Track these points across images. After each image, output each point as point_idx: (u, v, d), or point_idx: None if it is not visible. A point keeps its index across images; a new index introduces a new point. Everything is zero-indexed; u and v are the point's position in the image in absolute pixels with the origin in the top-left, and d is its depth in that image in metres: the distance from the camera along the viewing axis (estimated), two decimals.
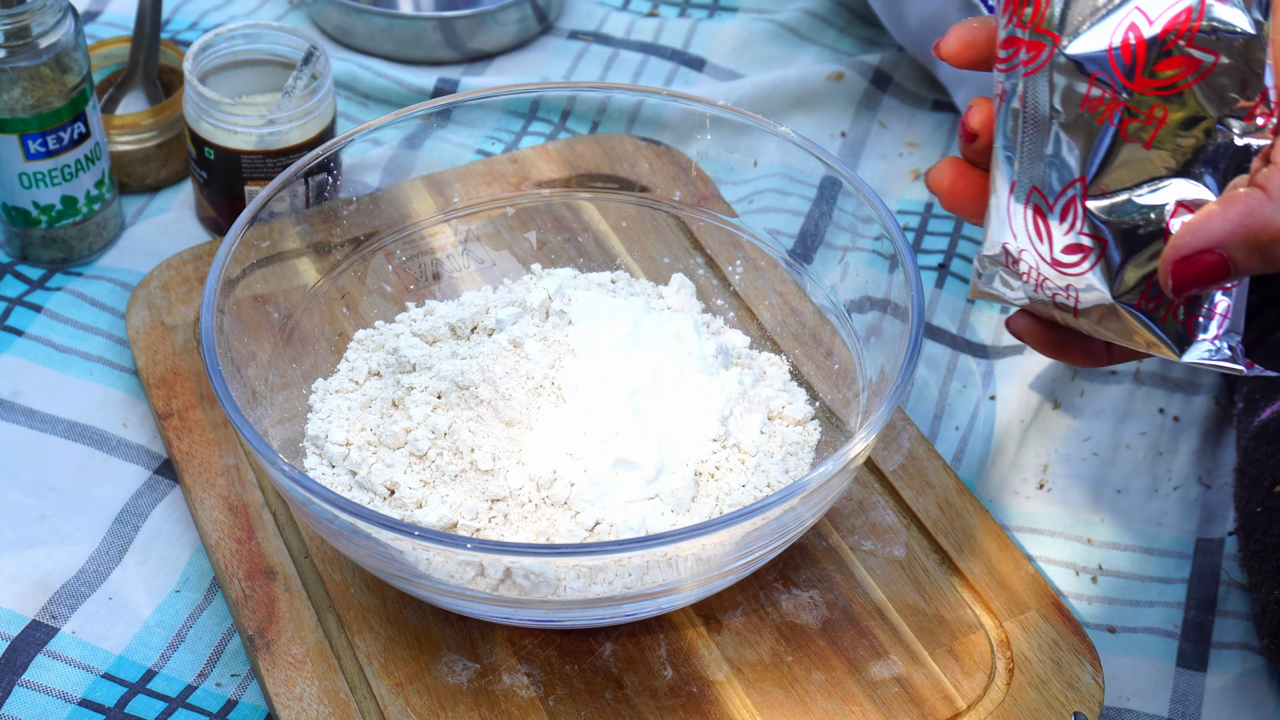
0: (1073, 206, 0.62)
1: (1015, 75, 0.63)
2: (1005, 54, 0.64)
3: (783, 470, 0.81)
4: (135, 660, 0.81)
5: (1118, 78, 0.60)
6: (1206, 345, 0.61)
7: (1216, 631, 0.85)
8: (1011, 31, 0.63)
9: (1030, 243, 0.65)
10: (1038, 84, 0.62)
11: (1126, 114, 0.60)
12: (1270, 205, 0.57)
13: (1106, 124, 0.60)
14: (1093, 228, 0.62)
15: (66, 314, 0.98)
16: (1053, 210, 0.63)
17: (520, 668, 0.77)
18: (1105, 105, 0.60)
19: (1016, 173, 0.64)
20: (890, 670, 0.77)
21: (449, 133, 1.09)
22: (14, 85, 0.92)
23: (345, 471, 0.81)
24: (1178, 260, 0.58)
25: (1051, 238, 0.64)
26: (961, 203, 0.69)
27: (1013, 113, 0.64)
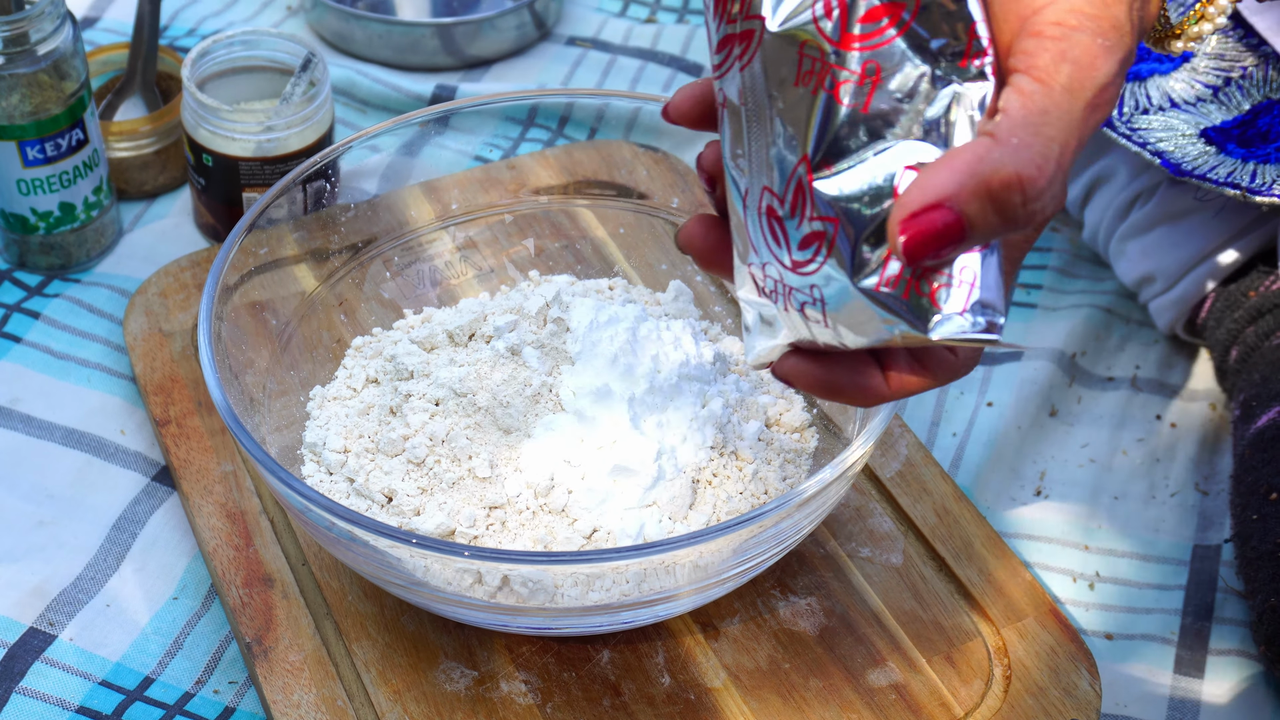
0: (801, 193, 0.56)
1: (731, 75, 0.58)
2: (719, 58, 0.58)
3: (780, 478, 0.81)
4: (133, 667, 0.81)
5: (825, 41, 0.54)
6: (957, 319, 0.54)
7: (1214, 638, 0.85)
8: (724, 32, 0.58)
9: (771, 253, 0.58)
10: (753, 74, 0.57)
11: (838, 77, 0.54)
12: (999, 149, 0.51)
13: (821, 92, 0.55)
14: (821, 209, 0.55)
15: (64, 320, 0.98)
16: (784, 204, 0.57)
17: (518, 675, 0.77)
18: (817, 74, 0.55)
19: (748, 179, 0.59)
20: (888, 677, 0.78)
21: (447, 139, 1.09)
22: (12, 92, 0.92)
23: (343, 479, 0.81)
24: (906, 219, 0.51)
25: (788, 238, 0.57)
26: (715, 257, 0.63)
27: (733, 113, 0.59)
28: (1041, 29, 0.53)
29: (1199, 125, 0.93)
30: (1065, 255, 1.07)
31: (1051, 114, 0.52)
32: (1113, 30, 0.53)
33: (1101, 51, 0.52)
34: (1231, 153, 0.90)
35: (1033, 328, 1.02)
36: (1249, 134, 0.91)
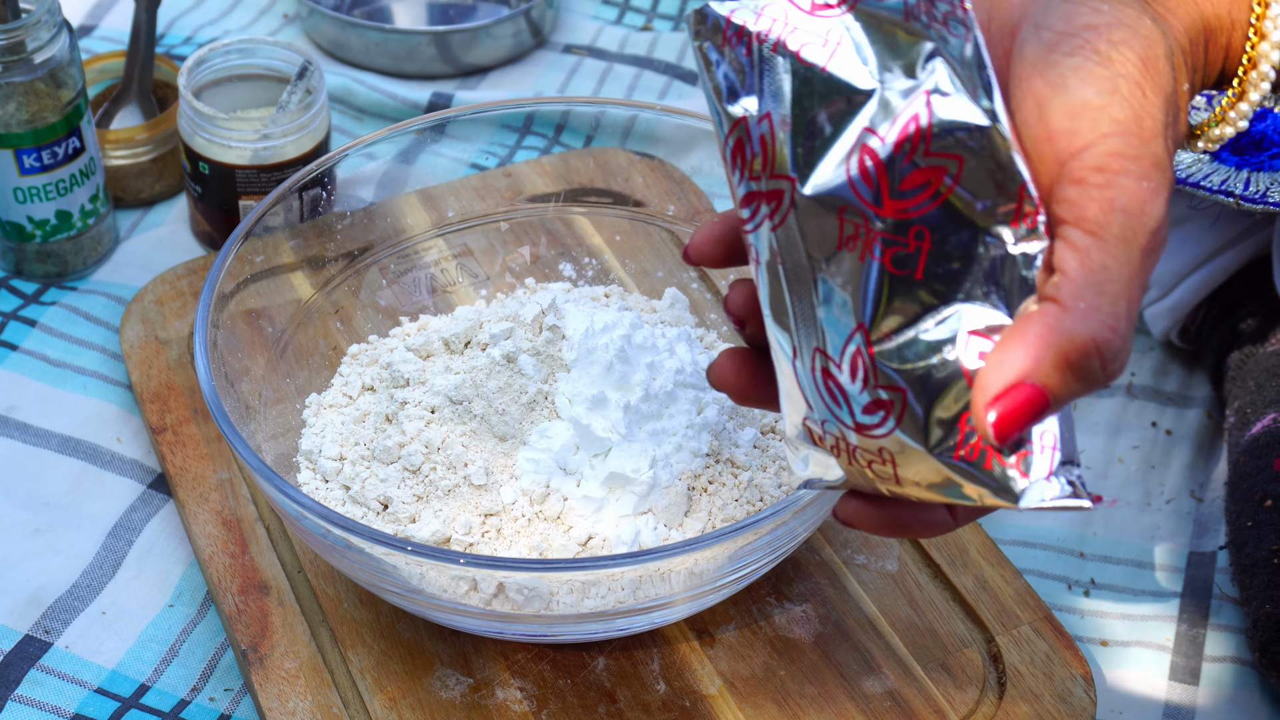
0: (859, 359, 0.55)
1: (762, 233, 0.56)
2: (747, 214, 0.57)
3: (775, 484, 0.81)
4: (128, 675, 0.81)
5: (866, 206, 0.53)
6: (1043, 486, 0.53)
7: (1209, 645, 0.85)
8: (747, 188, 0.57)
9: (829, 411, 0.57)
10: (789, 234, 0.55)
11: (886, 244, 0.53)
12: (1069, 317, 0.50)
13: (869, 259, 0.53)
14: (886, 379, 0.54)
15: (61, 329, 0.98)
16: (841, 368, 0.56)
17: (513, 682, 0.77)
18: (862, 240, 0.53)
19: (795, 337, 0.57)
20: (883, 684, 0.78)
21: (443, 147, 1.09)
22: (9, 100, 0.92)
23: (339, 486, 0.81)
24: (991, 402, 0.51)
25: (849, 399, 0.56)
26: (751, 392, 0.63)
27: (771, 273, 0.57)
28: (1084, 176, 0.51)
29: None
30: None
31: (1111, 269, 0.51)
32: (1155, 169, 0.51)
33: (1149, 195, 0.51)
34: (1225, 160, 0.91)
35: None
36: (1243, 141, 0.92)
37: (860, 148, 0.53)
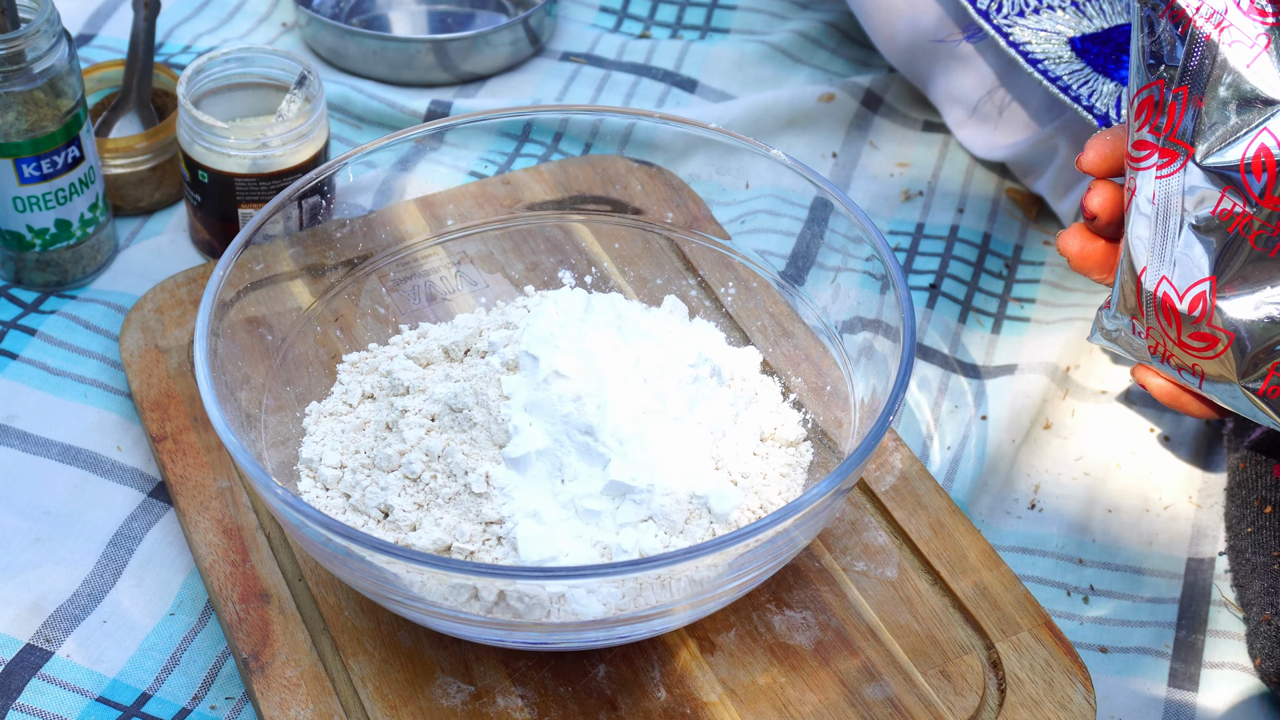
0: (1202, 301, 0.69)
1: (1148, 176, 0.69)
2: (1137, 155, 0.69)
3: (775, 492, 0.81)
4: (130, 684, 0.81)
5: (1249, 194, 0.66)
6: None
7: (1208, 651, 0.85)
8: (1144, 136, 0.69)
9: (1158, 322, 0.72)
10: (1170, 187, 0.68)
11: (1254, 225, 0.66)
12: None
13: (1237, 233, 0.67)
14: (1223, 321, 0.69)
15: (60, 337, 0.98)
16: (1181, 300, 0.70)
17: (514, 690, 0.77)
18: (1236, 217, 0.66)
19: (1147, 260, 0.71)
20: (883, 691, 0.78)
21: (442, 155, 1.09)
22: (8, 110, 0.92)
23: (339, 495, 0.81)
24: None
25: (1180, 324, 0.70)
26: (1087, 266, 0.77)
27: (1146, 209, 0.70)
28: None
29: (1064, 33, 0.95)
30: (1059, 269, 1.07)
31: None
32: None
33: None
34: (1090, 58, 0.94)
35: (1026, 341, 1.02)
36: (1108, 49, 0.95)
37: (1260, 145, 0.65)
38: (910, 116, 1.19)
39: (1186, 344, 0.71)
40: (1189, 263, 0.69)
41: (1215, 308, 0.69)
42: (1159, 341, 0.73)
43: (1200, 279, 0.69)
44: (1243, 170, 0.66)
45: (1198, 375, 0.72)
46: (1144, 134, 0.70)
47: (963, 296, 1.04)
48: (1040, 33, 0.96)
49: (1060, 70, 0.95)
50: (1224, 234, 0.67)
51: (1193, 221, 0.68)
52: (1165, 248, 0.70)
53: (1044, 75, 0.95)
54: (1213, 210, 0.67)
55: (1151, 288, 0.71)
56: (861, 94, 1.19)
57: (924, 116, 1.19)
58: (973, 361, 1.01)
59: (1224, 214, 0.67)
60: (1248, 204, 0.66)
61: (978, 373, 1.00)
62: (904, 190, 1.13)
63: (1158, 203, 0.69)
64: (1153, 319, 0.72)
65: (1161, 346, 0.73)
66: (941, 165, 1.15)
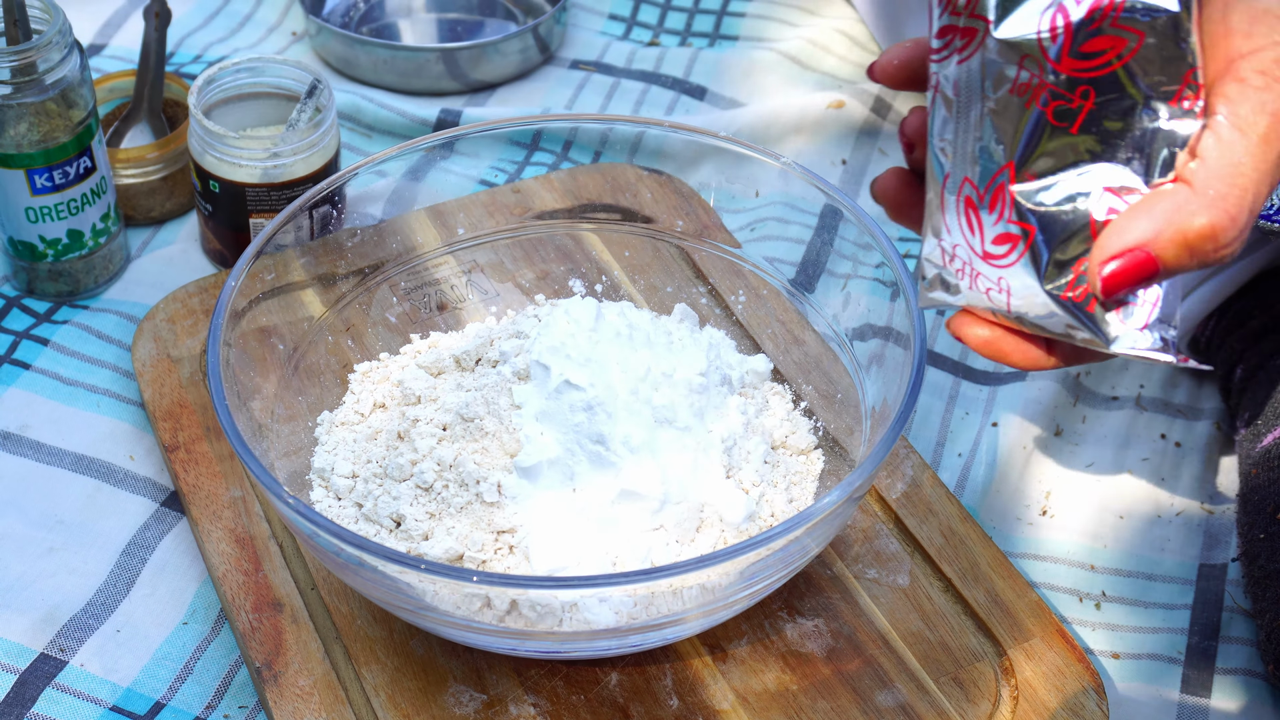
0: (1001, 194, 0.61)
1: (949, 64, 0.62)
2: (939, 44, 0.62)
3: (787, 500, 0.81)
4: (143, 693, 0.81)
5: (1045, 60, 0.58)
6: (1135, 333, 0.59)
7: (1220, 658, 0.85)
8: (945, 20, 0.62)
9: (964, 236, 0.63)
10: (970, 70, 0.61)
11: (1053, 96, 0.59)
12: (1196, 200, 0.56)
13: (1034, 107, 0.59)
14: (1020, 214, 0.61)
15: (73, 347, 0.98)
16: (983, 200, 0.62)
17: (527, 698, 0.78)
18: (1033, 89, 0.59)
19: (950, 164, 0.63)
20: (895, 699, 0.78)
21: (452, 164, 1.10)
22: (20, 121, 0.93)
23: (351, 504, 0.81)
24: (1106, 260, 0.57)
25: (983, 229, 0.62)
26: (906, 212, 0.69)
27: (945, 102, 0.63)
28: (1246, 76, 0.56)
29: None
30: None
31: (1246, 164, 0.56)
32: None
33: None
34: None
35: None
36: None
37: (1057, 6, 0.58)
38: None
39: (990, 254, 0.62)
40: (989, 154, 0.61)
41: (1014, 200, 0.61)
42: (965, 262, 0.64)
43: (999, 168, 0.61)
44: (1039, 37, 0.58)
45: (1004, 291, 0.62)
46: (946, 18, 0.62)
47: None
48: None
49: None
50: (1021, 110, 0.60)
51: (991, 105, 0.60)
52: (967, 143, 0.62)
53: None
54: (1011, 87, 0.60)
55: (954, 196, 0.63)
56: (871, 101, 1.19)
57: None
58: (983, 368, 1.01)
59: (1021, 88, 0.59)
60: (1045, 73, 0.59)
61: (988, 379, 1.00)
62: None
63: (959, 91, 0.62)
64: (958, 234, 0.63)
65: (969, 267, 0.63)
66: None
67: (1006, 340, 0.65)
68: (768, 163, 0.90)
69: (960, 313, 0.66)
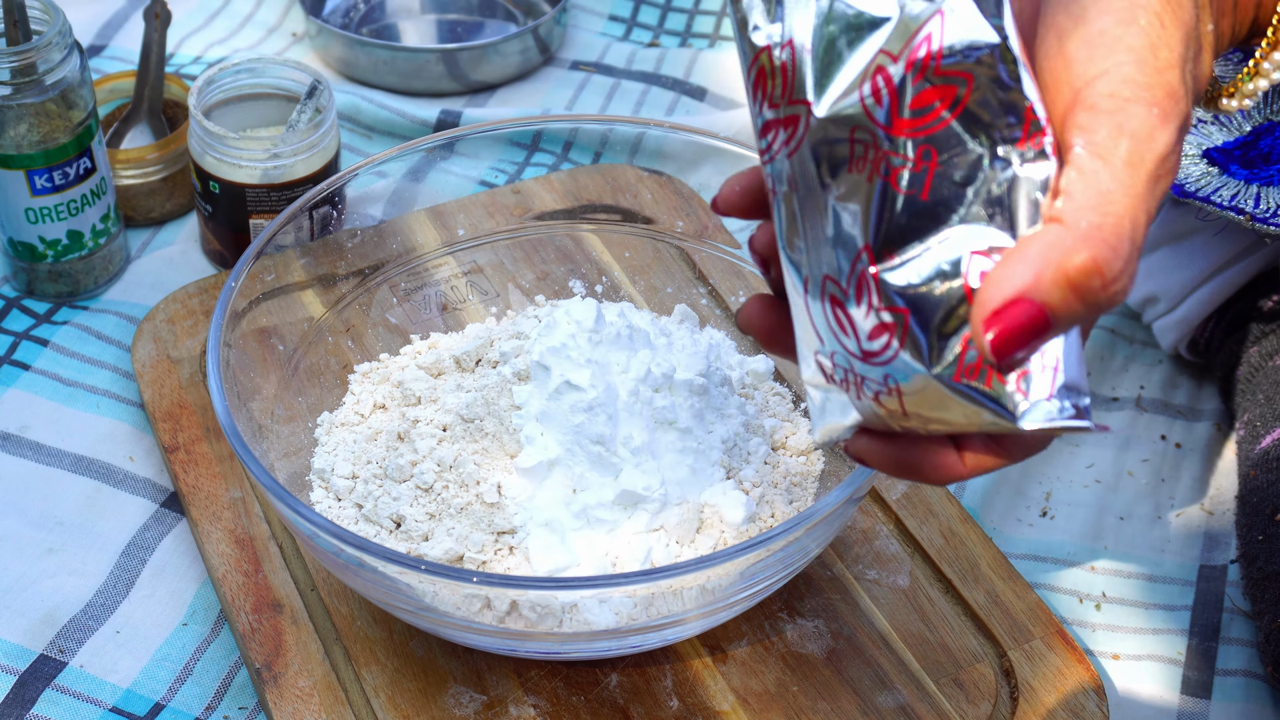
0: (864, 282, 0.55)
1: (779, 161, 0.57)
2: (764, 144, 0.57)
3: (787, 501, 0.81)
4: (143, 694, 0.81)
5: (876, 126, 0.53)
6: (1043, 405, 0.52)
7: (1220, 659, 0.85)
8: (764, 117, 0.57)
9: (838, 341, 0.57)
10: (802, 160, 0.56)
11: (894, 163, 0.53)
12: (1070, 235, 0.50)
13: (876, 179, 0.54)
14: (888, 299, 0.54)
15: (73, 348, 0.98)
16: (848, 294, 0.55)
17: (527, 699, 0.78)
18: (870, 161, 0.54)
19: (807, 267, 0.57)
20: (895, 700, 0.78)
21: (452, 165, 1.10)
22: (20, 121, 0.93)
23: (351, 505, 0.81)
24: (989, 317, 0.50)
25: (855, 327, 0.56)
26: (779, 339, 0.63)
27: (786, 203, 0.58)
28: (1095, 102, 0.52)
29: (1200, 146, 0.93)
30: None
31: (1115, 192, 0.51)
32: (1167, 98, 0.51)
33: (1158, 121, 0.51)
34: (1234, 174, 0.91)
35: None
36: (1250, 155, 0.92)
37: (876, 69, 0.53)
38: None
39: (869, 352, 0.55)
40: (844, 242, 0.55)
41: (879, 284, 0.54)
42: (846, 369, 0.57)
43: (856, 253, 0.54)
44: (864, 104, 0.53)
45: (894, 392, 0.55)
46: (764, 115, 0.57)
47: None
48: None
49: None
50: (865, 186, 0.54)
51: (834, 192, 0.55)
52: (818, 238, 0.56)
53: None
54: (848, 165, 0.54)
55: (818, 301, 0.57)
56: None
57: None
58: None
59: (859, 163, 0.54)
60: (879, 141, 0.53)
61: None
62: None
63: (796, 186, 0.57)
64: (832, 342, 0.57)
65: (851, 374, 0.57)
66: None
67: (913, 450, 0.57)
68: None
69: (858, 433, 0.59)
